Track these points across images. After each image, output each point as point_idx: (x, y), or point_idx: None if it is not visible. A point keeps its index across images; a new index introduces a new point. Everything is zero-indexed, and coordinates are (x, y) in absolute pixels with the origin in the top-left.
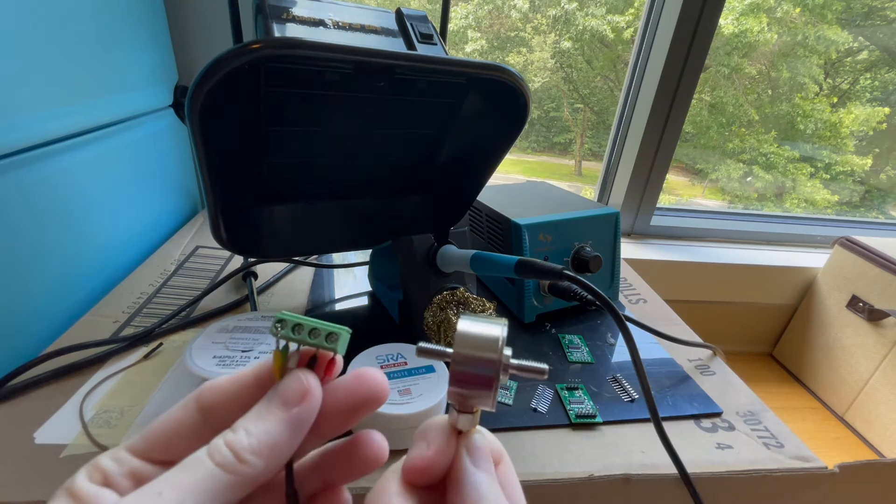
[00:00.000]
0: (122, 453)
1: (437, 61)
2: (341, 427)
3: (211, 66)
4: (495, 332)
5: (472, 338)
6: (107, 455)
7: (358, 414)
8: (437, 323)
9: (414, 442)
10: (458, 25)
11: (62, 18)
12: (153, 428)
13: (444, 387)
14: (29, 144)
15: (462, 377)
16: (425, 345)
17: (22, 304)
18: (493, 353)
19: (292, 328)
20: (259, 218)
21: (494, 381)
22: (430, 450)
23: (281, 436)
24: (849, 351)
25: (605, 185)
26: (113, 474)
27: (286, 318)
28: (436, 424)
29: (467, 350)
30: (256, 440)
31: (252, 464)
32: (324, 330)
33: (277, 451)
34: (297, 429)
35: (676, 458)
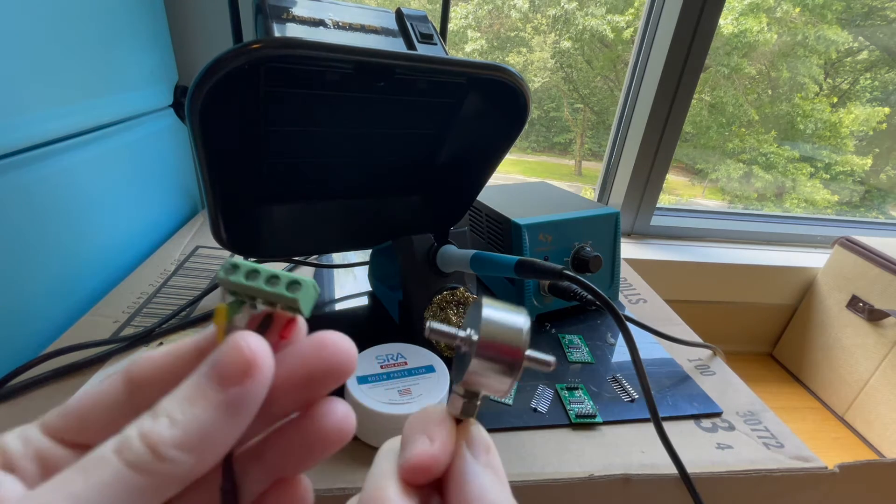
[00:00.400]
0: (32, 431)
1: (437, 61)
2: (294, 406)
3: (211, 66)
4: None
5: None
6: (13, 433)
7: (317, 388)
8: None
9: (411, 436)
10: (458, 25)
11: (62, 18)
12: (72, 402)
13: (444, 387)
14: (29, 144)
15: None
16: (437, 325)
17: (22, 304)
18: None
19: (246, 274)
20: (259, 218)
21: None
22: (435, 445)
23: (216, 424)
24: (849, 351)
25: (605, 185)
26: (17, 456)
27: (239, 263)
28: (434, 416)
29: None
30: (182, 430)
31: (177, 461)
32: (284, 278)
33: (211, 444)
34: (237, 415)
35: (676, 458)
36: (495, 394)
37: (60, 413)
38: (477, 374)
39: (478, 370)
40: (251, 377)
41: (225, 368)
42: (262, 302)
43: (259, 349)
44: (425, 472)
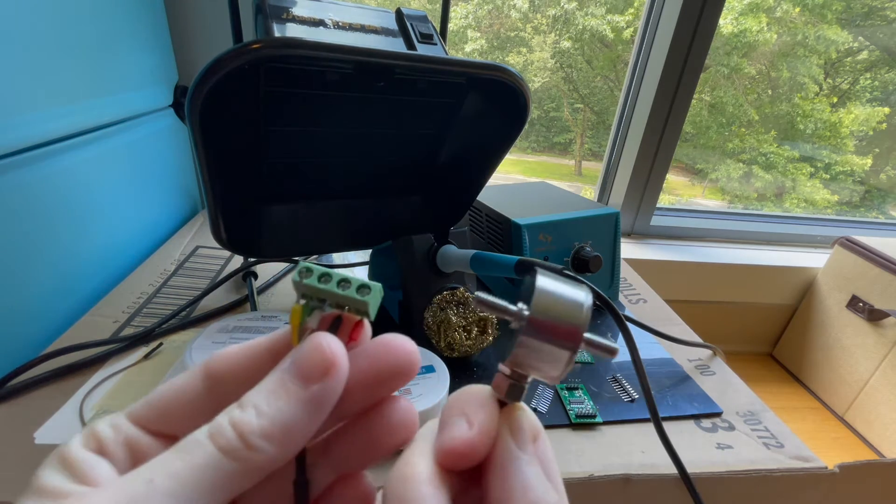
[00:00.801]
0: (121, 419)
1: (437, 61)
2: (362, 404)
3: (211, 65)
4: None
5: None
6: (104, 421)
7: (383, 388)
8: (437, 323)
9: (450, 418)
10: (458, 25)
11: (62, 19)
12: (155, 394)
13: (445, 387)
14: (29, 144)
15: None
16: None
17: (22, 304)
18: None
19: (319, 277)
20: (259, 218)
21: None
22: (475, 430)
23: (298, 417)
24: (849, 351)
25: (605, 185)
26: (108, 442)
27: (312, 266)
28: (476, 397)
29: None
30: (269, 421)
31: (263, 450)
32: (355, 281)
33: (292, 436)
34: (317, 410)
35: (676, 458)
36: (546, 378)
37: (146, 403)
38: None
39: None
40: (330, 376)
41: (307, 366)
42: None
43: (338, 350)
44: (462, 458)
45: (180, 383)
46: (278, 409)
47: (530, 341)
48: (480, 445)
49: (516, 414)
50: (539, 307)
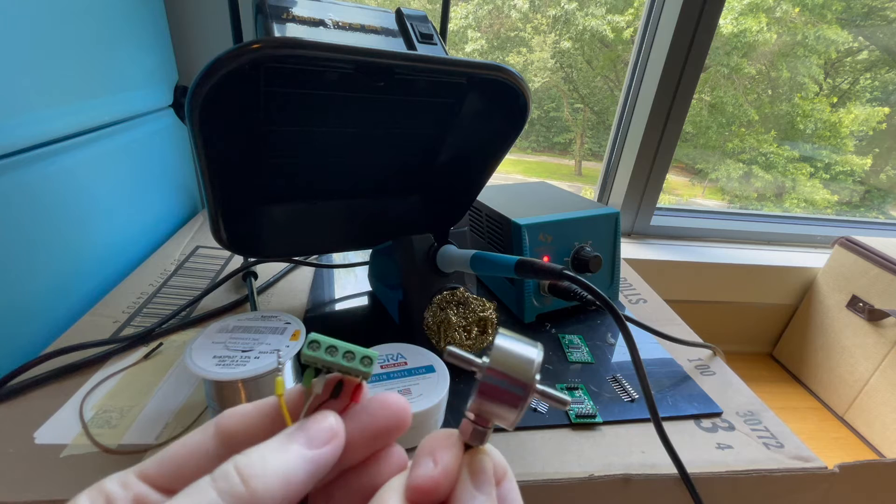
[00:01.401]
0: (130, 477)
1: (437, 61)
2: (362, 455)
3: (211, 66)
4: (531, 356)
5: (509, 356)
6: (113, 478)
7: (381, 441)
8: (437, 323)
9: (419, 458)
10: (458, 25)
11: (62, 19)
12: (167, 451)
13: (444, 387)
14: (29, 144)
15: (491, 393)
16: (456, 350)
17: (22, 304)
18: (527, 375)
19: (326, 349)
20: (259, 218)
21: (523, 402)
22: (438, 469)
23: (298, 472)
24: (849, 351)
25: (605, 185)
26: (118, 499)
27: (319, 339)
28: (443, 439)
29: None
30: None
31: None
32: (358, 353)
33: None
34: (315, 470)
35: (676, 458)
36: (501, 422)
37: (157, 461)
38: (484, 401)
39: (485, 397)
40: (332, 444)
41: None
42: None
43: (340, 425)
44: (426, 495)
45: (193, 441)
46: (283, 461)
47: (488, 388)
48: (443, 483)
49: (479, 456)
50: (495, 361)
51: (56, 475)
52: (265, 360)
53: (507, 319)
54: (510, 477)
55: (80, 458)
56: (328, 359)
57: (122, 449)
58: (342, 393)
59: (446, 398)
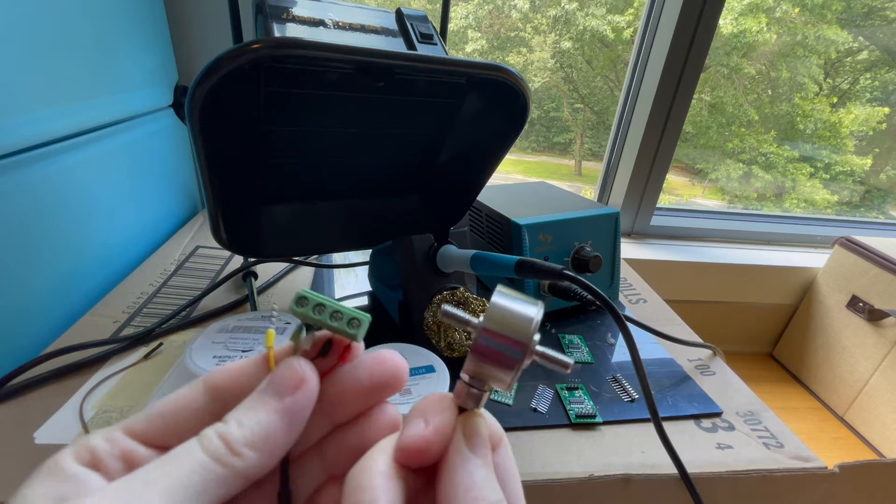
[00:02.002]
0: (117, 433)
1: (437, 61)
2: (356, 409)
3: (211, 65)
4: (530, 313)
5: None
6: (99, 434)
7: (376, 396)
8: (437, 323)
9: (410, 418)
10: (458, 25)
11: (62, 19)
12: (156, 406)
13: (444, 387)
14: (29, 144)
15: (486, 351)
16: (451, 310)
17: (22, 304)
18: (525, 335)
19: (314, 308)
20: (259, 218)
21: (519, 362)
22: (429, 429)
23: (275, 426)
24: (849, 351)
25: (605, 185)
26: (103, 456)
27: (308, 296)
28: (436, 401)
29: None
30: (249, 431)
31: (246, 456)
32: (347, 314)
33: (272, 443)
34: (292, 420)
35: (676, 458)
36: (497, 385)
37: (145, 416)
38: (479, 361)
39: (480, 356)
40: (301, 390)
41: (281, 383)
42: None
43: (307, 369)
44: (416, 455)
45: (182, 396)
46: (258, 420)
47: (482, 348)
48: (434, 443)
49: (473, 419)
50: (491, 319)
51: None
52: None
53: None
54: (506, 444)
55: None
56: (314, 316)
57: None
58: (331, 352)
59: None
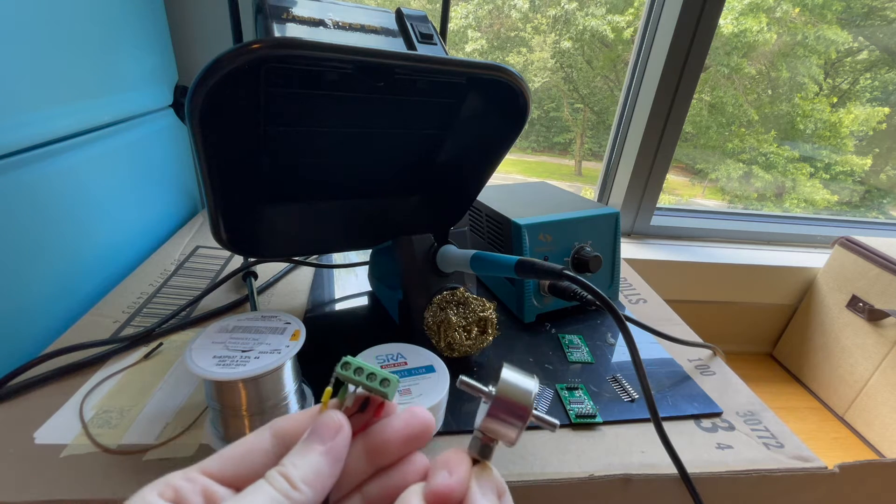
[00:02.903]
0: (194, 473)
1: (436, 61)
2: (397, 455)
3: (211, 66)
4: (530, 387)
5: (513, 387)
6: (178, 474)
7: (412, 444)
8: (437, 323)
9: (435, 469)
10: (458, 25)
11: (63, 19)
12: (226, 451)
13: (444, 387)
14: (29, 144)
15: (499, 415)
16: (467, 379)
17: (22, 304)
18: (527, 402)
19: (354, 371)
20: (259, 218)
21: (523, 424)
22: (453, 479)
23: (321, 465)
24: (849, 351)
25: (605, 185)
26: (186, 493)
27: (350, 361)
28: (457, 456)
29: (508, 395)
30: (303, 471)
31: (303, 490)
32: (379, 375)
33: (321, 479)
34: (335, 459)
35: (676, 458)
36: (504, 441)
37: (219, 458)
38: (492, 422)
39: (493, 419)
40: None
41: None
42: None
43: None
44: (443, 499)
45: (250, 441)
46: (308, 461)
47: (496, 412)
48: (457, 490)
49: (486, 470)
50: (502, 391)
51: (56, 475)
52: (265, 360)
53: (507, 319)
54: (508, 495)
55: (80, 458)
56: (354, 377)
57: (122, 449)
58: (367, 408)
59: (446, 398)
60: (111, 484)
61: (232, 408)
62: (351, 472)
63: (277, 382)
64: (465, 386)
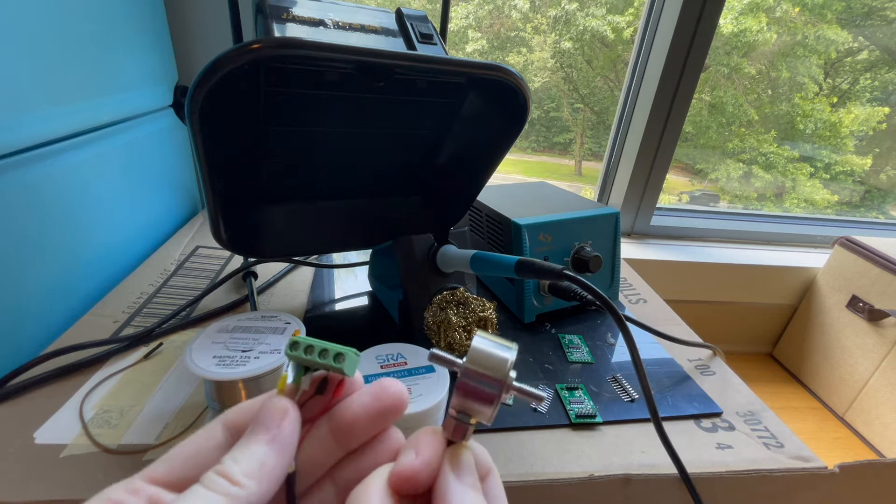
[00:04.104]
0: (138, 482)
1: (436, 61)
2: (366, 435)
3: (211, 65)
4: (505, 355)
5: (484, 356)
6: (120, 486)
7: (381, 421)
8: (437, 323)
9: (403, 450)
10: (458, 25)
11: (63, 19)
12: (174, 451)
13: (444, 387)
14: (29, 144)
15: (469, 389)
16: (437, 352)
17: (22, 304)
18: (501, 372)
19: (304, 349)
20: (259, 218)
21: (497, 398)
22: (418, 460)
23: (267, 455)
24: (849, 351)
25: (605, 185)
26: None
27: (299, 340)
28: (426, 434)
29: (478, 366)
30: (245, 465)
31: (246, 485)
32: (332, 350)
33: (268, 469)
34: (282, 447)
35: (676, 458)
36: (480, 418)
37: (164, 462)
38: (463, 397)
39: (464, 392)
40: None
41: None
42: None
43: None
44: (406, 482)
45: (200, 438)
46: (250, 452)
47: (466, 385)
48: (422, 472)
49: (460, 450)
50: (472, 361)
51: (56, 475)
52: (265, 359)
53: (507, 319)
54: (494, 474)
55: (80, 458)
56: (305, 357)
57: (122, 449)
58: (327, 389)
59: (446, 398)
60: (111, 484)
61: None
62: (317, 458)
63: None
64: (435, 359)
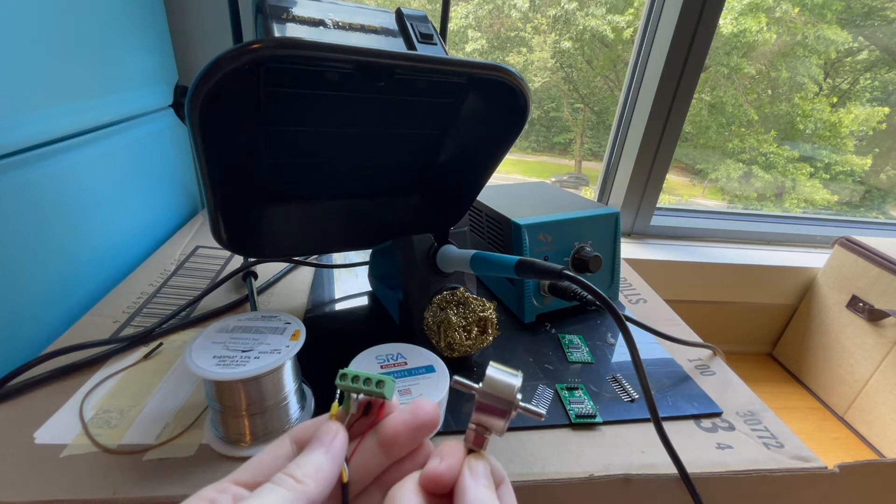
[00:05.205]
0: (226, 484)
1: (436, 61)
2: (406, 447)
3: (211, 65)
4: (513, 381)
5: (497, 382)
6: (211, 487)
7: (419, 434)
8: (437, 323)
9: (431, 458)
10: (458, 25)
11: (63, 19)
12: (254, 460)
13: (444, 387)
14: (29, 144)
15: (485, 408)
16: (460, 379)
17: (22, 304)
18: (510, 395)
19: (352, 379)
20: (259, 218)
21: (507, 414)
22: (443, 464)
23: (322, 462)
24: (849, 351)
25: (605, 185)
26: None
27: (346, 372)
28: (451, 446)
29: (492, 390)
30: (305, 468)
31: (306, 483)
32: (374, 379)
33: (323, 473)
34: (333, 457)
35: (676, 458)
36: (494, 430)
37: (247, 467)
38: (480, 414)
39: (481, 411)
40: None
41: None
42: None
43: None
44: (433, 482)
45: (274, 448)
46: (310, 460)
47: (483, 406)
48: (445, 474)
49: (477, 458)
50: (488, 386)
51: (56, 475)
52: (265, 360)
53: (507, 319)
54: (507, 483)
55: (80, 458)
56: (353, 385)
57: (122, 449)
58: (370, 411)
59: (446, 398)
60: (111, 484)
61: (232, 408)
62: (367, 466)
63: (277, 382)
64: (457, 385)
